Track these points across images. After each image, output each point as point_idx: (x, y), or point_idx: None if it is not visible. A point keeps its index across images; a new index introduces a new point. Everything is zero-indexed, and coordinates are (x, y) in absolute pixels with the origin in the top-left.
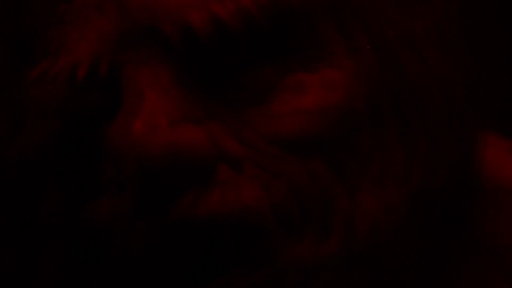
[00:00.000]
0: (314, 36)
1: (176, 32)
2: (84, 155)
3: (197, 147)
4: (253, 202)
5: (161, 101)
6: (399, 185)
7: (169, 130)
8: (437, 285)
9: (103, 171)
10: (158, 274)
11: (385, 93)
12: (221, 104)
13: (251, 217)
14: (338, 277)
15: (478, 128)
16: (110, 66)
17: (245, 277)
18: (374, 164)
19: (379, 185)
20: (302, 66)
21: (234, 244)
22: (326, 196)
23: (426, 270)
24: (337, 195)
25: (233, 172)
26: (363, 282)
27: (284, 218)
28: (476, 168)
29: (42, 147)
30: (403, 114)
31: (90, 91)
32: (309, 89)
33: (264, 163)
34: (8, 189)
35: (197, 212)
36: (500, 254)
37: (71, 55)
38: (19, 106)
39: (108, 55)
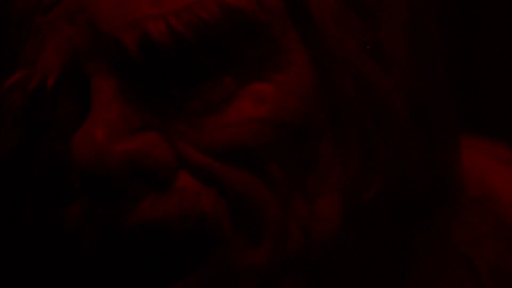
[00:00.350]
0: (273, 46)
1: (134, 43)
2: (56, 163)
3: (156, 154)
4: (210, 208)
5: (123, 110)
6: (359, 193)
7: (130, 138)
8: None
9: (74, 177)
10: (118, 276)
11: (345, 102)
12: (181, 113)
13: (208, 223)
14: (294, 283)
15: (455, 137)
16: (79, 76)
17: (202, 282)
18: (333, 172)
19: (338, 193)
20: (261, 76)
21: (191, 249)
22: (284, 204)
23: (387, 274)
24: (295, 202)
25: (191, 179)
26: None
27: (241, 224)
28: (452, 175)
29: (16, 155)
30: (363, 123)
31: (62, 100)
32: (267, 98)
33: (221, 170)
34: None
35: (155, 217)
36: (472, 262)
37: (42, 65)
38: None
39: (78, 65)
